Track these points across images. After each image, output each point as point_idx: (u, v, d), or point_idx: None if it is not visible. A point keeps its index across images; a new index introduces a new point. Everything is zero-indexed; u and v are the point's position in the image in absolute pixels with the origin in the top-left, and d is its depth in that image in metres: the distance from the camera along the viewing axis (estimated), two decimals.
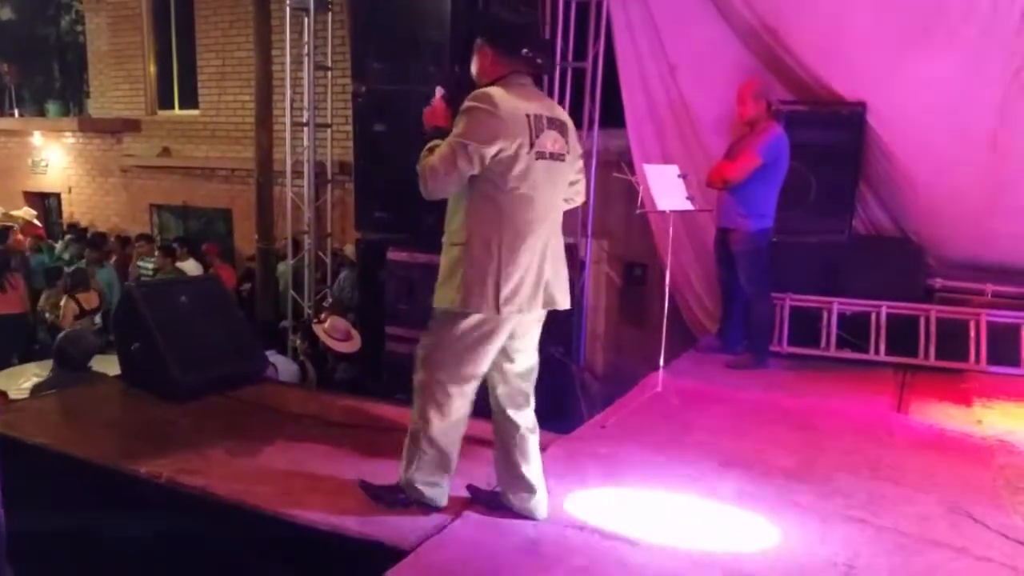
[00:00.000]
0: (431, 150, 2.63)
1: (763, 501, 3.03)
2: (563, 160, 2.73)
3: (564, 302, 2.79)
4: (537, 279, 2.67)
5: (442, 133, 2.63)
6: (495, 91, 2.58)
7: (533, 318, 2.78)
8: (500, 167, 2.57)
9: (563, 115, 2.77)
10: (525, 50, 2.66)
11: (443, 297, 2.67)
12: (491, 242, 2.60)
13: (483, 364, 2.71)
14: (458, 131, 2.56)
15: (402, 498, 2.83)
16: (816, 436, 3.78)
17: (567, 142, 2.75)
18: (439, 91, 2.80)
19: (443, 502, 2.83)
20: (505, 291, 2.58)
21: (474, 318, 2.63)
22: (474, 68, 2.74)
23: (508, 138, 2.54)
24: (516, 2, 2.82)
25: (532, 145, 2.59)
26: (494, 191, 2.60)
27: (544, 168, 2.65)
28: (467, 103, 2.58)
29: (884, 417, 4.10)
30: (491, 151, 2.53)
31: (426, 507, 2.81)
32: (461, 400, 2.74)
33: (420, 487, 2.80)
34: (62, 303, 7.50)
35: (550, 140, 2.66)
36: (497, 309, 2.58)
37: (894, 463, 3.45)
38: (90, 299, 7.69)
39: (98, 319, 7.53)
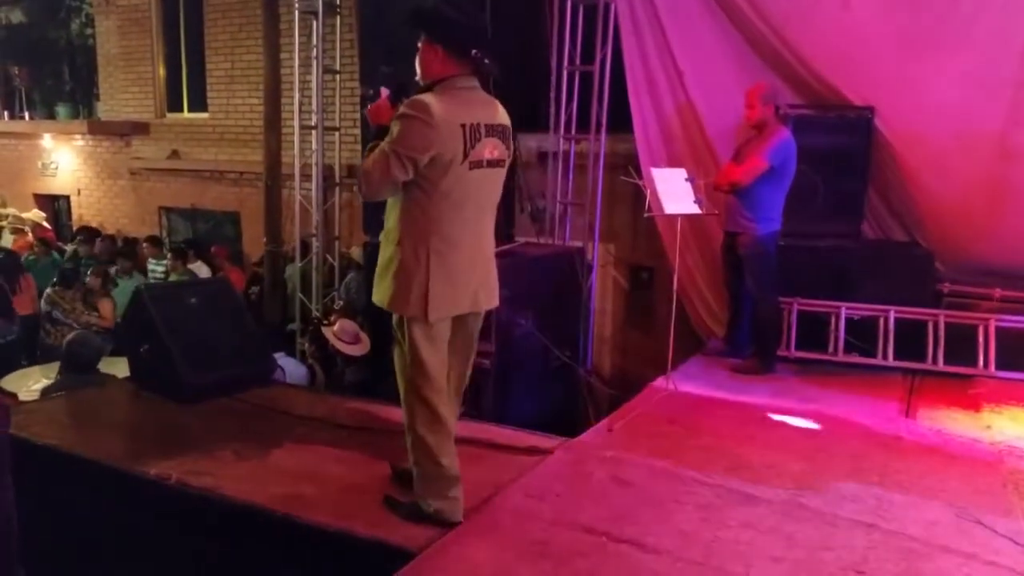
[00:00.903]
0: (371, 150, 2.65)
1: (771, 506, 3.03)
2: (502, 166, 2.77)
3: (488, 304, 2.87)
4: (466, 283, 2.74)
5: (385, 132, 2.64)
6: (431, 100, 2.57)
7: None
8: (432, 174, 2.59)
9: (504, 119, 2.78)
10: (475, 51, 2.65)
11: (380, 294, 2.75)
12: (419, 249, 2.64)
13: (445, 362, 2.81)
14: (391, 138, 2.57)
15: (416, 515, 2.82)
16: (824, 441, 3.77)
17: (507, 147, 2.76)
18: (384, 91, 2.80)
19: (458, 517, 2.81)
20: (432, 298, 2.64)
21: (418, 326, 2.69)
22: (420, 66, 2.72)
23: (441, 148, 2.55)
24: (464, 2, 2.75)
25: (466, 155, 2.60)
26: (425, 199, 2.63)
27: (479, 176, 2.67)
28: (402, 109, 2.58)
29: (892, 422, 4.08)
30: (423, 159, 2.55)
31: (442, 523, 2.78)
32: (444, 406, 2.79)
33: (432, 502, 2.79)
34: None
35: (488, 148, 2.67)
36: (425, 316, 2.65)
37: (902, 468, 3.44)
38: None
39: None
